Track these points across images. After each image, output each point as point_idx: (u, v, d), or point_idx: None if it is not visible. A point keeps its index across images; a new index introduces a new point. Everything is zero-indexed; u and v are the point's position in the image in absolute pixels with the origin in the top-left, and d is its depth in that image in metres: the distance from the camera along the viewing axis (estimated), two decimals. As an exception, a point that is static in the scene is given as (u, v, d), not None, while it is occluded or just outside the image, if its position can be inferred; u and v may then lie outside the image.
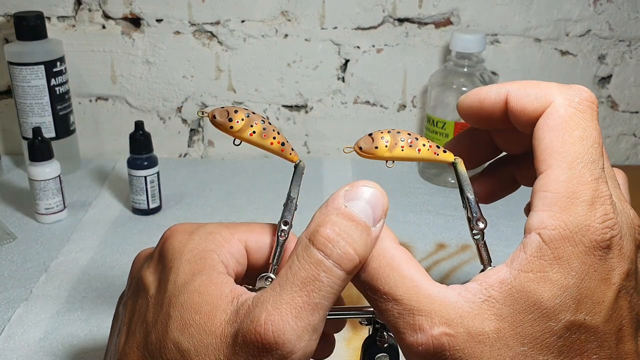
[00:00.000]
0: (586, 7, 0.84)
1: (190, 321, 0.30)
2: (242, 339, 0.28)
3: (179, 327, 0.30)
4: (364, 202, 0.31)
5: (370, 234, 0.30)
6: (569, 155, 0.30)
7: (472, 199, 0.37)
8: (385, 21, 0.84)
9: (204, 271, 0.31)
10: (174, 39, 0.84)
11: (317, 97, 0.87)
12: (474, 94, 0.35)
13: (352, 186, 0.31)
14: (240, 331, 0.28)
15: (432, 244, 0.67)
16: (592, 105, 0.31)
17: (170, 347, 0.30)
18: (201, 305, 0.30)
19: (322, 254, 0.29)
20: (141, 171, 0.70)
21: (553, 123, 0.31)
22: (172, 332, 0.30)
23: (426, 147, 0.36)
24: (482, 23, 0.84)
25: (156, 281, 0.33)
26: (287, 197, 0.37)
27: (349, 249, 0.29)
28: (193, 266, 0.32)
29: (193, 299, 0.30)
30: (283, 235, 0.36)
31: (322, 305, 0.29)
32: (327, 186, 0.80)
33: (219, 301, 0.30)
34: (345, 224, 0.30)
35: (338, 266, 0.29)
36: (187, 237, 0.34)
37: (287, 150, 0.37)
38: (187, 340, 0.29)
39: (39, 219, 0.70)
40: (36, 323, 0.54)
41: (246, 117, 0.35)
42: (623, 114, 0.90)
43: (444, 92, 0.80)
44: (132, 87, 0.86)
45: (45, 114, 0.78)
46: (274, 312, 0.28)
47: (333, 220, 0.30)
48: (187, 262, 0.32)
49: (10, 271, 0.61)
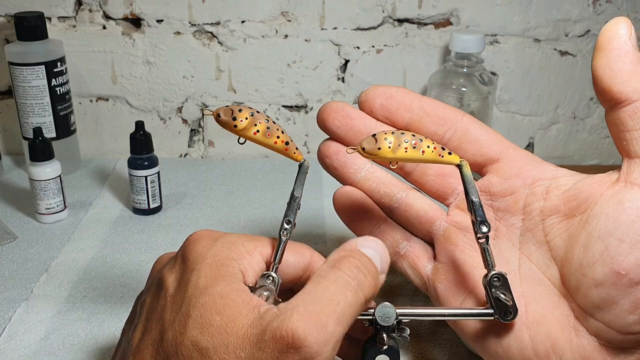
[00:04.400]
0: (585, 7, 0.84)
1: (211, 321, 0.30)
2: (270, 336, 0.29)
3: (199, 326, 0.31)
4: (375, 253, 0.34)
5: (379, 280, 0.34)
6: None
7: (476, 202, 0.37)
8: (385, 22, 0.84)
9: (226, 277, 0.33)
10: (174, 39, 0.84)
11: (317, 97, 0.87)
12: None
13: (365, 239, 0.34)
14: (269, 329, 0.29)
15: (432, 244, 0.68)
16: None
17: (188, 344, 0.30)
18: (223, 308, 0.31)
19: (348, 276, 0.32)
20: (141, 171, 0.70)
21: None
22: (191, 331, 0.31)
23: (430, 148, 0.36)
24: (481, 23, 0.84)
25: (176, 281, 0.34)
26: (291, 196, 0.37)
27: (370, 278, 0.33)
28: (215, 271, 0.33)
29: (215, 301, 0.31)
30: (285, 233, 0.36)
31: (345, 319, 0.31)
32: (327, 186, 0.80)
33: (241, 306, 0.31)
34: (364, 260, 0.33)
35: (360, 290, 0.32)
36: (211, 243, 0.35)
37: (291, 149, 0.37)
38: (207, 339, 0.30)
39: (39, 218, 0.70)
40: (37, 323, 0.54)
41: (250, 115, 0.35)
42: (622, 114, 0.90)
43: (443, 92, 0.80)
44: (132, 88, 0.86)
45: (45, 114, 0.78)
46: (306, 315, 0.29)
47: (354, 256, 0.33)
48: (208, 266, 0.33)
49: (11, 271, 0.61)
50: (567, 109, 0.89)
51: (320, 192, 0.78)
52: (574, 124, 0.90)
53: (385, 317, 0.37)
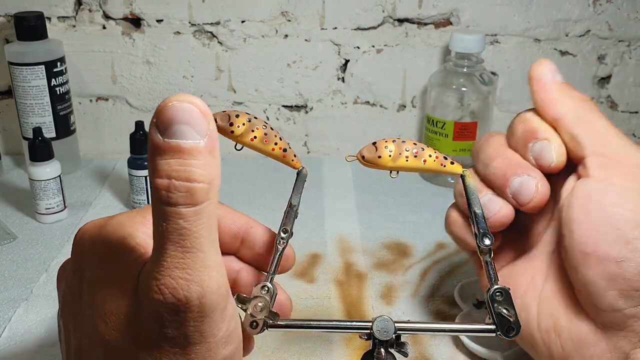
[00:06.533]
0: (586, 7, 0.84)
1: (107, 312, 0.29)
2: (147, 313, 0.27)
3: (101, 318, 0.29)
4: (182, 126, 0.26)
5: (202, 151, 0.26)
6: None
7: (479, 213, 0.36)
8: (385, 21, 0.84)
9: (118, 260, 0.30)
10: (174, 39, 0.84)
11: (317, 97, 0.87)
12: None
13: (160, 113, 0.26)
14: (143, 305, 0.28)
15: (432, 244, 0.68)
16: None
17: (96, 341, 0.29)
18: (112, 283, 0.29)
19: (169, 206, 0.26)
20: (141, 171, 0.70)
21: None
22: (99, 326, 0.29)
23: (432, 157, 0.35)
24: (481, 23, 0.84)
25: (74, 283, 0.32)
26: (288, 204, 0.36)
27: (190, 185, 0.26)
28: (103, 261, 0.31)
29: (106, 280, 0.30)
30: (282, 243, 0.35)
31: (200, 244, 0.27)
32: (326, 186, 0.80)
33: (125, 284, 0.29)
34: (172, 162, 0.26)
35: (191, 205, 0.26)
36: (97, 232, 0.32)
37: (289, 156, 0.36)
38: (110, 331, 0.29)
39: (39, 218, 0.70)
40: (37, 323, 0.54)
41: (247, 121, 0.35)
42: (622, 114, 0.90)
43: (443, 92, 0.80)
44: (132, 87, 0.86)
45: (45, 114, 0.78)
46: (164, 277, 0.26)
47: (159, 165, 0.26)
48: (97, 256, 0.31)
49: (11, 271, 0.61)
50: (567, 109, 0.89)
51: (319, 192, 0.78)
52: (574, 124, 0.90)
53: (384, 331, 0.35)
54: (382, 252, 0.66)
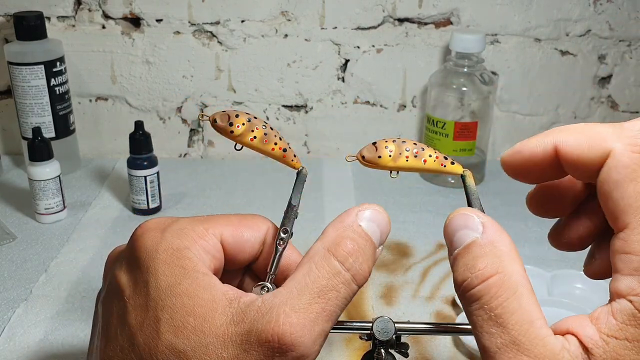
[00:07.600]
0: (586, 7, 0.84)
1: (184, 323, 0.29)
2: (255, 338, 0.28)
3: (172, 329, 0.29)
4: (375, 225, 0.32)
5: (376, 256, 0.32)
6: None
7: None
8: (385, 21, 0.84)
9: (187, 273, 0.31)
10: (174, 39, 0.84)
11: (317, 97, 0.87)
12: (516, 152, 0.32)
13: (365, 208, 0.32)
14: (254, 331, 0.28)
15: (432, 244, 0.67)
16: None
17: (163, 349, 0.29)
18: (193, 308, 0.30)
19: (342, 267, 0.30)
20: (141, 171, 0.70)
21: (619, 176, 0.28)
22: (164, 335, 0.29)
23: (432, 157, 0.35)
24: (482, 23, 0.84)
25: (131, 282, 0.32)
26: (288, 204, 0.36)
27: (365, 265, 0.30)
28: (172, 268, 0.31)
29: (183, 301, 0.30)
30: (282, 243, 0.35)
31: (335, 315, 0.30)
32: (326, 186, 0.79)
33: (213, 304, 0.30)
34: (362, 242, 0.31)
35: (354, 280, 0.30)
36: (160, 236, 0.33)
37: (289, 156, 0.36)
38: (183, 342, 0.29)
39: (38, 219, 0.70)
40: (36, 323, 0.54)
41: (247, 121, 0.34)
42: (623, 114, 0.90)
43: (443, 92, 0.80)
44: (132, 87, 0.86)
45: (45, 114, 0.78)
46: (293, 315, 0.28)
47: (352, 236, 0.31)
48: (163, 262, 0.31)
49: (10, 271, 0.61)
50: (568, 109, 0.89)
51: (319, 192, 0.78)
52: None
53: (384, 331, 0.35)
54: (382, 252, 0.66)
